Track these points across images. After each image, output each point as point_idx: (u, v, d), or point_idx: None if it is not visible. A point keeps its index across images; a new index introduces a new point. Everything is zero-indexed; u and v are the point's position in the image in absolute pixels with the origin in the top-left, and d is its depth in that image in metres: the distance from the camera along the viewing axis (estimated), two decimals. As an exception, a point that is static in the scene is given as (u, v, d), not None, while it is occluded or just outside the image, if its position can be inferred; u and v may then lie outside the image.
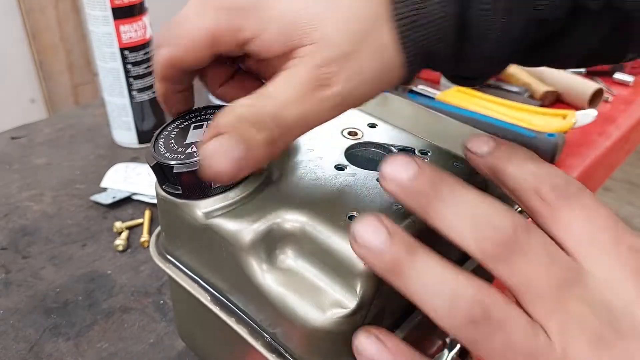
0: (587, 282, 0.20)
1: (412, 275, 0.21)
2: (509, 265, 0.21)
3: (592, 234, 0.21)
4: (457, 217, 0.22)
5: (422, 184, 0.22)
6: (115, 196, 0.54)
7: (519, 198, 0.23)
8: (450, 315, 0.20)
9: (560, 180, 0.22)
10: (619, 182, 2.20)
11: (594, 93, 0.71)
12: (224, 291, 0.28)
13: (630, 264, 0.21)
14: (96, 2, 0.56)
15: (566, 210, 0.22)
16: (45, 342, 0.40)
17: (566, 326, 0.20)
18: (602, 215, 0.22)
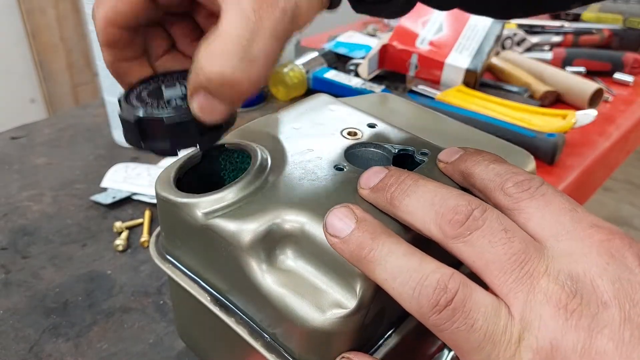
0: (548, 255, 0.21)
1: (377, 260, 0.22)
2: (469, 243, 0.22)
3: (553, 216, 0.22)
4: (418, 205, 0.23)
5: (386, 181, 0.25)
6: (115, 196, 0.54)
7: (487, 196, 0.25)
8: (415, 301, 0.21)
9: (522, 177, 0.24)
10: (619, 182, 2.20)
11: (594, 93, 0.71)
12: (224, 291, 0.28)
13: (590, 237, 0.21)
14: (96, 2, 0.56)
15: (528, 201, 0.23)
16: (45, 342, 0.40)
17: (530, 298, 0.20)
18: (561, 201, 0.23)
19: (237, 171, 0.33)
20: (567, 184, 0.59)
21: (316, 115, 0.35)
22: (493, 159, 0.26)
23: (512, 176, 0.24)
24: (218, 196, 0.28)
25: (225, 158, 0.33)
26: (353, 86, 0.74)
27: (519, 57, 0.82)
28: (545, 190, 0.23)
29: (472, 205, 0.22)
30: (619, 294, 0.20)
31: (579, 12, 1.02)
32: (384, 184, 0.25)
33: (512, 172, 0.24)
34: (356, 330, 0.24)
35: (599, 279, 0.20)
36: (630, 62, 0.82)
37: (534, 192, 0.23)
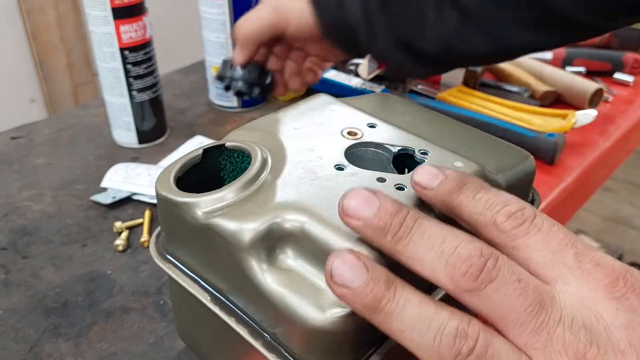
0: (560, 303, 0.21)
1: (393, 312, 0.21)
2: (483, 296, 0.21)
3: (553, 255, 0.22)
4: (426, 252, 0.22)
5: (386, 220, 0.23)
6: (115, 196, 0.54)
7: (478, 232, 0.24)
8: (436, 351, 0.20)
9: (513, 207, 0.23)
10: (619, 183, 2.20)
11: (594, 93, 0.71)
12: (224, 291, 0.28)
13: (596, 280, 0.21)
14: (96, 2, 0.56)
15: (525, 238, 0.22)
16: (45, 342, 0.40)
17: (549, 349, 0.20)
18: (559, 235, 0.22)
19: (237, 171, 0.33)
20: (567, 184, 0.59)
21: (316, 115, 0.35)
22: (478, 186, 0.24)
23: (502, 208, 0.23)
24: (218, 196, 0.28)
25: (225, 158, 0.33)
26: (353, 86, 0.73)
27: (519, 57, 0.82)
28: (541, 224, 0.22)
29: (484, 255, 0.21)
30: (633, 340, 0.20)
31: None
32: (383, 224, 0.23)
33: (502, 204, 0.23)
34: (356, 329, 0.24)
35: (612, 326, 0.20)
36: (630, 62, 0.82)
37: (529, 226, 0.22)
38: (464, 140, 0.35)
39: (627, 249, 1.86)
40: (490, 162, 0.33)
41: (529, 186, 0.36)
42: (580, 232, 1.89)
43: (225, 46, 0.69)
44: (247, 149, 0.31)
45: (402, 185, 0.28)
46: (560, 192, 0.58)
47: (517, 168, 0.34)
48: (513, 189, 0.33)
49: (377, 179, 0.29)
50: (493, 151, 0.35)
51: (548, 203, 0.56)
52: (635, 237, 1.95)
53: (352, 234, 0.25)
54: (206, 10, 0.67)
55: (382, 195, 0.23)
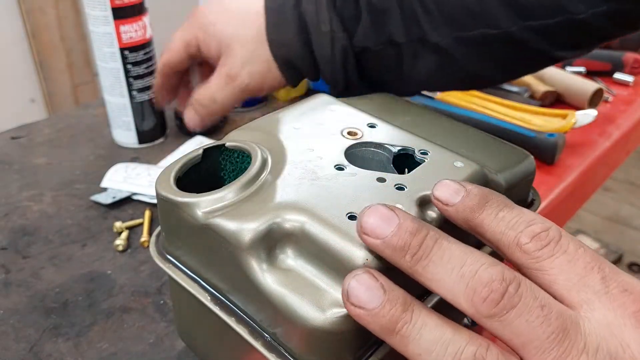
0: (585, 330, 0.20)
1: (410, 334, 0.21)
2: (505, 322, 0.20)
3: (579, 279, 0.21)
4: (446, 275, 0.21)
5: (405, 239, 0.22)
6: (115, 196, 0.54)
7: (501, 252, 0.23)
8: None
9: (537, 227, 0.22)
10: (619, 182, 2.20)
11: (594, 93, 0.71)
12: (224, 291, 0.28)
13: (623, 306, 0.20)
14: (96, 2, 0.56)
15: (550, 259, 0.22)
16: (45, 342, 0.40)
17: None
18: (585, 257, 0.22)
19: (237, 171, 0.33)
20: (567, 184, 0.59)
21: (316, 115, 0.35)
22: (501, 204, 0.24)
23: (526, 228, 0.22)
24: (218, 196, 0.28)
25: (225, 158, 0.33)
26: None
27: (519, 57, 0.82)
28: (567, 246, 0.22)
29: (506, 280, 0.21)
30: None
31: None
32: (402, 243, 0.22)
33: (526, 223, 0.22)
34: (356, 329, 0.24)
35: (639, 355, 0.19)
36: (630, 62, 0.82)
37: (554, 248, 0.22)
38: (464, 140, 0.36)
39: (627, 249, 1.86)
40: (490, 162, 0.33)
41: (529, 186, 0.36)
42: (580, 232, 1.89)
43: (225, 46, 0.68)
44: (247, 149, 0.31)
45: (402, 185, 0.28)
46: (560, 192, 0.58)
47: (517, 168, 0.34)
48: (513, 189, 0.33)
49: (377, 179, 0.29)
50: (493, 151, 0.35)
51: (548, 203, 0.56)
52: (635, 237, 1.95)
53: (352, 234, 0.25)
54: (206, 10, 0.67)
55: (402, 212, 0.23)
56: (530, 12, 0.39)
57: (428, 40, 0.41)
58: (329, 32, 0.42)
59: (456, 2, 0.40)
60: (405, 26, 0.41)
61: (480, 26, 0.40)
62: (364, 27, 0.42)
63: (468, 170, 0.30)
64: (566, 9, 0.38)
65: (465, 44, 0.41)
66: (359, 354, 0.26)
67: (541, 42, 0.40)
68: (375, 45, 0.42)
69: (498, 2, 0.39)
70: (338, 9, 0.42)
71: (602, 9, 0.38)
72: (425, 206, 0.27)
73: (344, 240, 0.25)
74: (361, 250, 0.24)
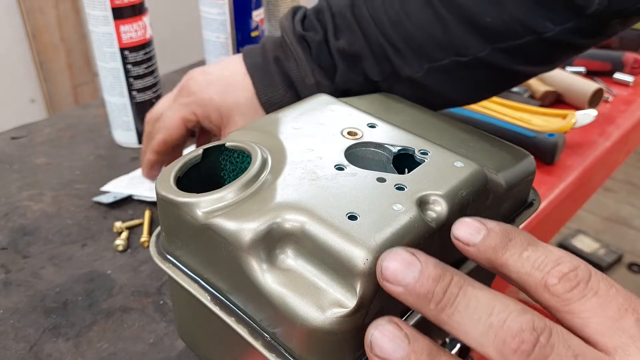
0: None
1: None
2: None
3: (613, 322, 0.20)
4: (473, 324, 0.21)
5: (428, 287, 0.21)
6: (117, 196, 0.54)
7: (528, 293, 0.22)
8: None
9: (565, 266, 0.21)
10: (619, 183, 2.20)
11: (594, 93, 0.71)
12: (224, 291, 0.28)
13: None
14: (96, 2, 0.56)
15: (580, 302, 0.21)
16: (45, 342, 0.40)
17: None
18: (618, 299, 0.21)
19: (237, 171, 0.33)
20: (567, 184, 0.59)
21: (316, 115, 0.35)
22: (525, 242, 0.23)
23: (553, 268, 0.21)
24: (218, 196, 0.28)
25: (225, 158, 0.33)
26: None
27: (519, 57, 0.82)
28: (597, 286, 0.21)
29: (537, 329, 0.20)
30: None
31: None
32: (425, 291, 0.21)
33: (553, 263, 0.21)
34: (356, 329, 0.24)
35: None
36: (630, 62, 0.82)
37: (585, 289, 0.21)
38: (464, 140, 0.36)
39: (627, 249, 1.86)
40: (490, 162, 0.33)
41: (529, 186, 0.36)
42: (580, 232, 1.89)
43: (225, 46, 0.69)
44: (247, 149, 0.31)
45: (402, 185, 0.28)
46: (560, 192, 0.58)
47: (517, 168, 0.34)
48: (513, 189, 0.33)
49: (377, 179, 0.29)
50: (493, 151, 0.35)
51: (548, 203, 0.56)
52: (635, 237, 1.95)
53: (352, 234, 0.25)
54: (206, 10, 0.67)
55: (423, 256, 0.22)
56: (497, 35, 0.40)
57: (401, 75, 0.43)
58: (314, 85, 0.43)
59: (423, 37, 0.41)
60: (379, 65, 0.43)
61: (450, 55, 0.41)
62: (341, 73, 0.43)
63: (468, 170, 0.30)
64: (533, 29, 0.39)
65: (437, 73, 0.42)
66: (359, 354, 0.26)
67: (511, 61, 0.41)
68: (354, 86, 0.44)
69: (464, 30, 0.40)
70: (315, 60, 0.44)
71: (569, 25, 0.38)
72: (425, 206, 0.27)
73: (344, 240, 0.25)
74: (361, 250, 0.24)
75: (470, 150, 0.34)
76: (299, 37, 0.44)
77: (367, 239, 0.24)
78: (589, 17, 0.38)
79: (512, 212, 0.35)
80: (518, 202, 0.36)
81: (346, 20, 0.43)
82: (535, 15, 0.38)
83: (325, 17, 0.44)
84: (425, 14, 0.41)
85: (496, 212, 0.33)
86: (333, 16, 0.43)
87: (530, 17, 0.39)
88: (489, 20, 0.39)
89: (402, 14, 0.41)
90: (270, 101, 0.45)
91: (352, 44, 0.43)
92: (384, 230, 0.25)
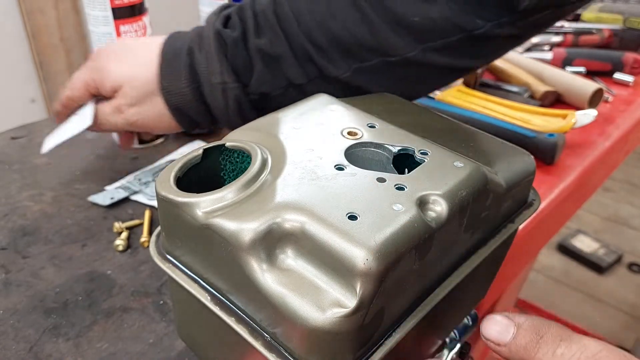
0: None
1: None
2: None
3: None
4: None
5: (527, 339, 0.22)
6: (114, 197, 0.54)
7: None
8: None
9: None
10: (619, 183, 2.20)
11: (594, 93, 0.71)
12: (224, 291, 0.28)
13: None
14: (96, 2, 0.56)
15: None
16: (45, 342, 0.40)
17: None
18: None
19: (237, 171, 0.33)
20: (567, 184, 0.59)
21: (316, 115, 0.35)
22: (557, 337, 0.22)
23: None
24: (218, 196, 0.28)
25: (225, 158, 0.33)
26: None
27: (518, 57, 0.82)
28: None
29: None
30: None
31: (579, 13, 1.02)
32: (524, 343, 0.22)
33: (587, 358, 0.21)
34: (356, 329, 0.24)
35: None
36: (630, 62, 0.82)
37: None
38: (464, 140, 0.35)
39: (626, 248, 1.86)
40: (490, 162, 0.33)
41: (529, 186, 0.36)
42: (580, 232, 1.89)
43: (225, 46, 0.68)
44: (247, 149, 0.31)
45: (402, 185, 0.28)
46: (560, 192, 0.58)
47: (517, 168, 0.34)
48: (513, 189, 0.33)
49: (377, 179, 0.29)
50: (493, 151, 0.35)
51: (548, 203, 0.56)
52: (634, 237, 1.95)
53: (352, 234, 0.25)
54: (206, 11, 0.67)
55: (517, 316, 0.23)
56: (427, 34, 0.39)
57: (327, 75, 0.41)
58: (220, 84, 0.42)
59: (349, 38, 0.40)
60: (301, 67, 0.41)
61: (377, 55, 0.40)
62: (258, 75, 0.42)
63: (468, 170, 0.30)
64: (464, 27, 0.38)
65: (365, 73, 0.41)
66: (359, 354, 0.26)
67: (445, 58, 0.41)
68: (273, 90, 0.42)
69: (393, 32, 0.39)
70: (229, 59, 0.42)
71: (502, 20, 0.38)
72: (425, 206, 0.27)
73: (344, 240, 0.25)
74: (361, 250, 0.24)
75: (470, 150, 0.34)
76: (216, 33, 0.42)
77: (367, 239, 0.24)
78: (521, 12, 0.37)
79: (512, 212, 0.35)
80: (518, 202, 0.36)
81: (268, 20, 0.41)
82: (464, 13, 0.38)
83: (247, 14, 0.42)
84: (352, 15, 0.40)
85: (496, 212, 0.33)
86: (255, 15, 0.42)
87: (458, 15, 0.38)
88: (417, 20, 0.39)
89: (328, 14, 0.40)
90: (169, 89, 0.44)
91: (273, 43, 0.41)
92: (384, 230, 0.25)
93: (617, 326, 1.59)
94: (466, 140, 0.36)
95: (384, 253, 0.24)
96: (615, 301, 1.65)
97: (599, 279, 1.74)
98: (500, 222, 0.34)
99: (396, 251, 0.25)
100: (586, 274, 1.77)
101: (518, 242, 0.43)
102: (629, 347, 1.47)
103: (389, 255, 0.24)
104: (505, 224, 0.34)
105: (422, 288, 0.28)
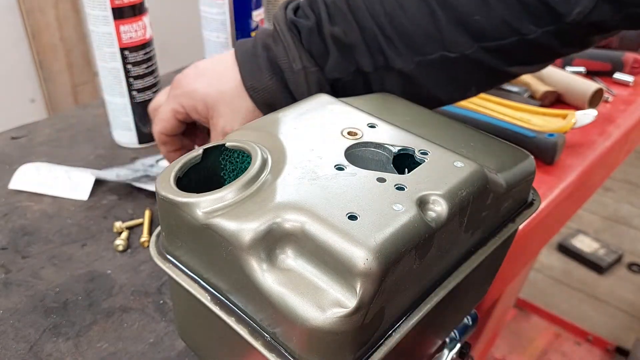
0: None
1: None
2: None
3: None
4: None
5: None
6: (119, 174, 0.56)
7: None
8: None
9: None
10: (619, 182, 2.20)
11: (594, 93, 0.71)
12: (224, 291, 0.28)
13: None
14: (96, 2, 0.56)
15: None
16: (45, 342, 0.40)
17: None
18: None
19: (237, 171, 0.33)
20: (567, 184, 0.59)
21: (316, 115, 0.35)
22: None
23: None
24: (218, 195, 0.28)
25: (225, 158, 0.33)
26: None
27: (518, 57, 0.82)
28: None
29: None
30: None
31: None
32: None
33: None
34: (356, 329, 0.24)
35: None
36: (630, 62, 0.82)
37: None
38: (464, 140, 0.36)
39: (627, 248, 1.86)
40: (490, 162, 0.33)
41: (529, 186, 0.36)
42: (580, 232, 1.89)
43: (225, 46, 0.69)
44: (247, 149, 0.31)
45: (402, 185, 0.28)
46: (560, 192, 0.58)
47: (517, 168, 0.34)
48: (513, 189, 0.33)
49: (377, 179, 0.29)
50: (493, 151, 0.35)
51: (548, 203, 0.56)
52: (634, 236, 1.95)
53: (352, 234, 0.25)
54: (206, 10, 0.67)
55: None
56: (484, 34, 0.41)
57: (392, 67, 0.44)
58: (301, 69, 0.44)
59: (415, 28, 0.42)
60: (371, 57, 0.44)
61: (439, 49, 0.43)
62: (333, 61, 0.44)
63: (468, 170, 0.30)
64: (518, 30, 0.41)
65: (426, 67, 0.43)
66: (359, 354, 0.26)
67: (496, 60, 0.43)
68: (346, 76, 0.45)
69: (454, 27, 0.42)
70: (306, 46, 0.44)
71: (550, 28, 0.41)
72: (425, 206, 0.27)
73: (344, 240, 0.25)
74: (361, 250, 0.24)
75: (470, 150, 0.34)
76: (290, 24, 0.44)
77: (367, 238, 0.24)
78: (568, 24, 0.40)
79: (512, 212, 0.35)
80: (518, 202, 0.36)
81: (340, 10, 0.44)
82: (520, 17, 0.41)
83: (319, 6, 0.44)
84: (420, 8, 0.42)
85: (496, 212, 0.33)
86: (327, 6, 0.44)
87: (515, 18, 0.40)
88: (477, 19, 0.41)
89: (397, 7, 0.42)
90: (254, 86, 0.45)
91: (347, 33, 0.43)
92: (384, 230, 0.25)
93: (617, 326, 1.59)
94: (466, 140, 0.36)
95: (384, 253, 0.24)
96: (615, 301, 1.65)
97: (599, 278, 1.74)
98: (501, 222, 0.34)
99: (396, 251, 0.25)
100: (586, 273, 1.77)
101: (518, 242, 0.43)
102: (629, 347, 1.47)
103: (389, 255, 0.24)
104: (505, 223, 0.34)
105: (422, 288, 0.28)
